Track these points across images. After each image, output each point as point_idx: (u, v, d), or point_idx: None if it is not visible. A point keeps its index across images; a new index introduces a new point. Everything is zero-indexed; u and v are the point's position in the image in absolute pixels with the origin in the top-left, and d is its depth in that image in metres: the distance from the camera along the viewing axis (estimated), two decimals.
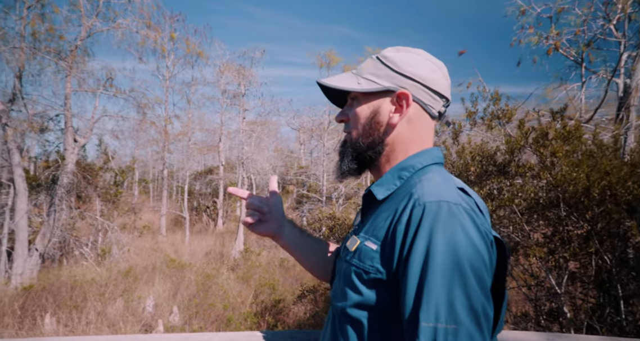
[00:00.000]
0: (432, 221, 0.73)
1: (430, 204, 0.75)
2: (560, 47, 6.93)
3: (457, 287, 0.69)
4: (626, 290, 4.09)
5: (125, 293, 9.78)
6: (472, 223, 0.75)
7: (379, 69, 0.92)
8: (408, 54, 0.93)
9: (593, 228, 3.86)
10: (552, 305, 5.11)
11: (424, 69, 0.91)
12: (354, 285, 0.82)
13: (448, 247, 0.71)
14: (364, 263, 0.82)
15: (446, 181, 0.84)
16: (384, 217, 0.84)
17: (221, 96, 19.75)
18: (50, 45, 12.36)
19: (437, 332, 0.68)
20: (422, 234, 0.73)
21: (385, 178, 0.90)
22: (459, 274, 0.70)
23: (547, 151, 3.54)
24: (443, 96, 0.92)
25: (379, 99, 0.92)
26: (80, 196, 13.52)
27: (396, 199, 0.85)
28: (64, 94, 12.68)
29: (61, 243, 12.13)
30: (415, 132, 0.92)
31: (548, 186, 3.88)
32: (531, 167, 3.81)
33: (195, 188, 23.49)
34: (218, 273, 11.74)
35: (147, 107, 15.21)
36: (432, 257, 0.71)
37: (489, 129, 5.38)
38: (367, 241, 0.84)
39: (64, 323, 8.28)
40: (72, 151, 12.46)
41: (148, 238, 16.56)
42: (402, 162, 0.90)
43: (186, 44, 18.52)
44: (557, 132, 3.58)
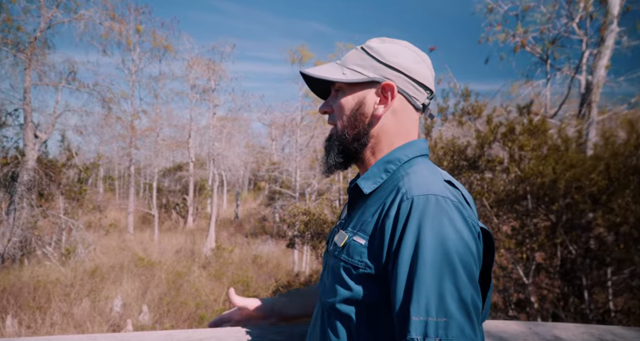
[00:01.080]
0: (421, 214, 0.73)
1: (418, 198, 0.75)
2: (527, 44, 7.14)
3: (446, 280, 0.69)
4: (589, 279, 4.28)
5: (92, 293, 9.47)
6: (460, 215, 0.75)
7: (364, 60, 0.91)
8: (393, 45, 0.92)
9: (559, 219, 4.01)
10: (519, 295, 5.29)
11: (408, 60, 0.90)
12: (343, 281, 0.81)
13: (437, 240, 0.71)
14: (352, 258, 0.81)
15: (433, 174, 0.83)
16: (371, 211, 0.83)
17: (190, 91, 19.35)
18: (7, 37, 11.78)
19: (427, 326, 0.68)
20: (411, 228, 0.73)
21: (371, 172, 0.89)
22: (449, 267, 0.70)
23: (514, 145, 3.65)
24: (427, 88, 0.92)
25: (364, 90, 0.90)
26: (42, 193, 12.96)
27: (383, 192, 0.84)
28: (23, 88, 12.10)
29: (22, 242, 11.60)
30: (400, 124, 0.91)
31: (516, 180, 4.00)
32: (500, 161, 3.91)
33: (164, 185, 22.95)
34: (189, 271, 11.54)
35: (113, 102, 14.72)
36: (421, 251, 0.71)
37: (460, 124, 5.50)
38: (355, 236, 0.83)
39: (26, 325, 7.95)
40: (32, 147, 11.92)
41: (115, 237, 16.08)
42: (388, 155, 0.89)
43: (153, 37, 18.02)
44: (524, 127, 3.69)
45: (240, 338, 1.08)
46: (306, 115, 16.88)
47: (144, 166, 25.08)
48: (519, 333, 1.17)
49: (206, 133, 20.47)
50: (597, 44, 7.00)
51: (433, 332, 0.67)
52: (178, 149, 22.98)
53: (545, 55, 7.26)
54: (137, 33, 18.44)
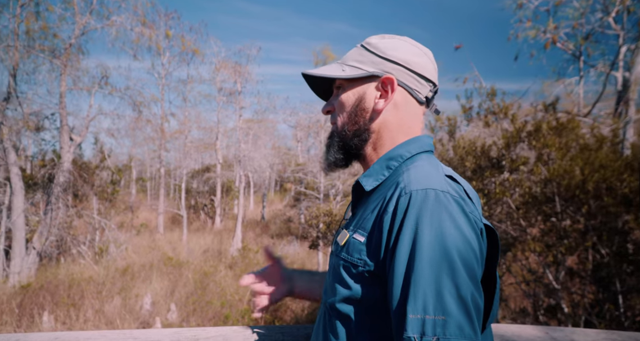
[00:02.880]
0: (419, 209, 0.71)
1: (416, 193, 0.73)
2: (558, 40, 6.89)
3: (445, 277, 0.67)
4: (625, 285, 4.08)
5: (123, 291, 9.76)
6: (460, 210, 0.72)
7: (363, 56, 0.90)
8: (393, 40, 0.91)
9: (589, 222, 3.84)
10: (550, 300, 5.11)
11: (408, 53, 0.89)
12: (343, 279, 0.80)
13: (435, 236, 0.69)
14: (352, 256, 0.79)
15: (434, 169, 0.81)
16: (371, 208, 0.82)
17: (217, 94, 19.68)
18: (44, 44, 12.30)
19: (425, 324, 0.66)
20: (409, 224, 0.71)
21: (373, 169, 0.88)
22: (447, 264, 0.68)
23: (539, 144, 3.52)
24: (430, 80, 0.90)
25: (364, 85, 0.90)
26: (77, 194, 13.47)
27: (384, 189, 0.83)
28: (59, 93, 12.62)
29: (58, 241, 12.09)
30: (402, 118, 0.89)
31: (543, 181, 3.87)
32: (525, 161, 3.79)
33: (192, 186, 23.43)
34: (216, 271, 11.72)
35: (143, 105, 15.15)
36: (419, 247, 0.69)
37: (486, 125, 5.36)
38: (355, 234, 0.81)
39: (61, 321, 8.26)
40: (68, 149, 12.40)
41: (146, 236, 16.52)
42: (390, 151, 0.88)
43: (181, 42, 18.45)
44: (550, 126, 3.56)
45: (247, 337, 1.09)
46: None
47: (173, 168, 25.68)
48: (534, 337, 1.13)
49: (233, 135, 20.78)
50: (635, 38, 6.67)
51: (431, 330, 0.65)
52: (206, 151, 23.42)
53: (578, 51, 6.97)
54: (166, 38, 18.93)
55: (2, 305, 8.46)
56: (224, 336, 1.09)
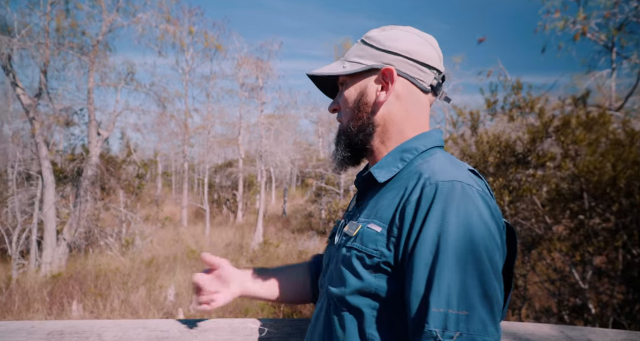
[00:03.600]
0: (445, 200, 0.70)
1: (442, 184, 0.72)
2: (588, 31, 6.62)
3: (470, 271, 0.66)
4: None
5: (148, 282, 10.00)
6: (485, 205, 0.71)
7: (363, 50, 0.89)
8: (392, 31, 0.90)
9: (621, 220, 3.70)
10: (576, 300, 4.97)
11: (409, 42, 0.87)
12: (355, 270, 0.78)
13: (462, 228, 0.68)
14: (366, 246, 0.77)
15: (456, 162, 0.81)
16: (388, 198, 0.80)
17: (239, 89, 19.85)
18: (73, 41, 12.61)
19: (447, 318, 0.64)
20: (434, 215, 0.69)
21: (385, 160, 0.86)
22: (474, 257, 0.66)
23: (568, 140, 3.40)
24: (433, 68, 0.88)
25: (365, 80, 0.89)
26: (104, 187, 13.85)
27: (400, 181, 0.82)
28: (87, 89, 12.96)
29: (87, 233, 12.48)
30: (406, 109, 0.88)
31: (571, 177, 3.74)
32: (552, 157, 3.67)
33: (215, 181, 23.76)
34: (237, 264, 11.85)
35: (167, 101, 15.41)
36: (445, 238, 0.67)
37: (510, 120, 5.22)
38: (370, 224, 0.79)
39: (89, 310, 8.54)
40: (95, 144, 12.75)
41: (170, 229, 16.88)
42: (404, 144, 0.86)
43: (205, 38, 18.63)
44: (579, 120, 3.44)
45: (253, 328, 1.09)
46: None
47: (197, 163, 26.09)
48: (549, 336, 1.09)
49: (255, 130, 20.94)
50: None
51: (453, 325, 0.64)
52: (229, 146, 23.69)
53: (611, 42, 6.68)
54: (190, 34, 19.16)
55: (35, 293, 8.80)
56: (232, 328, 1.10)
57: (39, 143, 11.33)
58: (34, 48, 11.34)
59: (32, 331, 1.04)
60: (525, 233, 5.00)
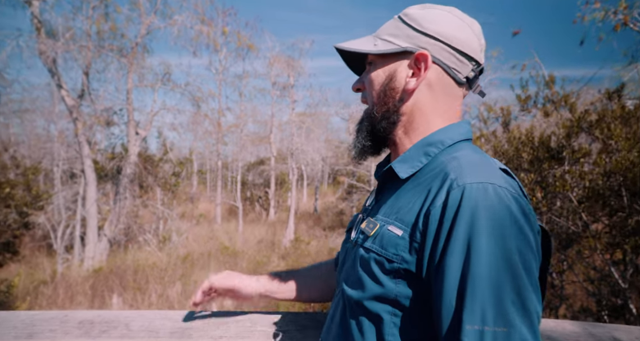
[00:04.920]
0: (475, 205, 0.64)
1: (471, 186, 0.65)
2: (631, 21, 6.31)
3: (507, 284, 0.60)
4: None
5: (183, 277, 10.32)
6: (520, 210, 0.65)
7: (399, 29, 0.81)
8: (433, 11, 0.81)
9: None
10: (616, 300, 4.78)
11: (449, 26, 0.79)
12: (374, 275, 0.73)
13: (495, 237, 0.62)
14: (386, 250, 0.72)
15: (486, 161, 0.73)
16: (409, 198, 0.75)
17: (271, 88, 20.09)
18: (113, 43, 13.14)
19: (484, 336, 0.59)
20: (463, 222, 0.63)
21: (409, 154, 0.79)
22: (509, 268, 0.60)
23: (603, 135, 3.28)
24: (472, 59, 0.79)
25: (396, 63, 0.81)
26: (142, 185, 14.37)
27: (423, 178, 0.75)
28: (126, 89, 13.48)
29: (126, 229, 12.99)
30: (437, 100, 0.80)
31: (607, 173, 3.61)
32: (587, 152, 3.55)
33: (248, 179, 24.17)
34: (269, 261, 12.06)
35: (202, 101, 15.81)
36: (477, 249, 0.62)
37: (545, 115, 5.07)
38: (390, 226, 0.74)
39: (129, 303, 8.91)
40: (134, 143, 13.25)
41: (204, 226, 17.32)
42: (429, 136, 0.79)
43: (237, 38, 18.96)
44: (614, 114, 3.30)
45: (273, 321, 1.14)
46: None
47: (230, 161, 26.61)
48: (570, 333, 1.07)
49: (287, 128, 21.13)
50: None
51: None
52: (261, 144, 24.02)
53: None
54: (223, 35, 19.55)
55: (77, 286, 9.26)
56: (252, 320, 1.15)
57: (81, 142, 11.90)
58: (76, 51, 11.90)
59: (65, 319, 1.13)
60: (561, 231, 4.85)
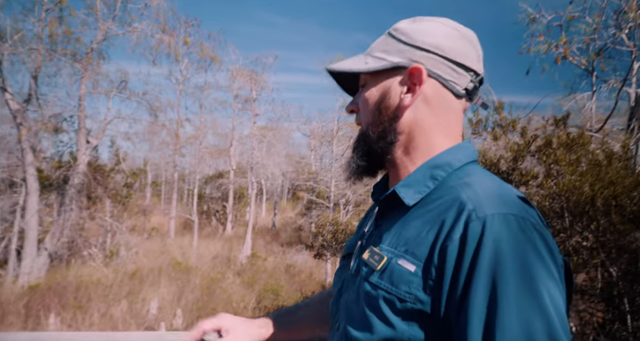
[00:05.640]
0: (497, 240, 0.59)
1: (492, 218, 0.61)
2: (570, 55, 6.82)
3: (537, 325, 0.56)
4: (634, 305, 3.95)
5: (130, 294, 9.82)
6: (543, 242, 0.60)
7: (390, 45, 0.77)
8: (424, 23, 0.77)
9: (599, 239, 3.74)
10: None
11: (443, 37, 0.75)
12: (384, 315, 0.66)
13: (521, 274, 0.57)
14: (398, 288, 0.66)
15: (504, 188, 0.67)
16: (420, 228, 0.68)
17: (233, 101, 19.92)
18: (66, 48, 12.62)
19: None
20: (486, 258, 0.59)
21: (414, 178, 0.73)
22: (538, 308, 0.56)
23: (549, 159, 3.45)
24: (470, 69, 0.75)
25: (389, 79, 0.77)
26: (90, 196, 13.69)
27: (433, 205, 0.69)
28: (78, 96, 12.92)
29: (70, 243, 12.28)
30: (436, 116, 0.75)
31: (551, 196, 3.78)
32: (534, 175, 3.71)
33: (205, 192, 23.63)
34: (223, 277, 11.74)
35: (160, 110, 15.41)
36: (502, 286, 0.57)
37: (494, 139, 5.29)
38: (400, 259, 0.67)
39: (67, 324, 8.34)
40: (84, 151, 12.65)
41: (157, 241, 16.68)
42: (435, 158, 0.74)
43: (200, 49, 18.74)
44: (560, 141, 3.49)
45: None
46: (343, 125, 16.92)
47: (188, 173, 25.96)
48: None
49: (247, 142, 20.95)
50: None
51: None
52: (220, 156, 23.64)
53: (591, 66, 6.91)
54: (185, 45, 19.27)
55: (10, 305, 8.59)
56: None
57: (25, 149, 11.22)
58: (25, 54, 11.32)
59: None
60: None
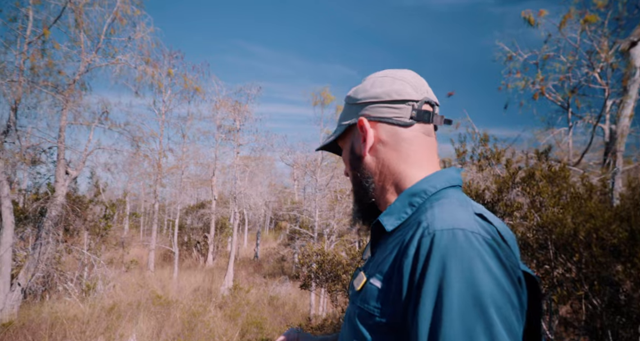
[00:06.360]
0: (444, 253, 0.63)
1: (441, 233, 0.65)
2: (547, 92, 7.17)
3: (479, 332, 0.58)
4: (618, 337, 4.00)
5: (107, 330, 9.43)
6: (493, 255, 0.64)
7: (346, 111, 0.92)
8: (364, 83, 0.90)
9: (582, 271, 3.83)
10: None
11: (377, 87, 0.86)
12: (359, 331, 0.72)
13: (466, 285, 0.60)
14: (368, 304, 0.72)
15: (462, 206, 0.73)
16: (390, 249, 0.74)
17: (216, 131, 19.94)
18: (48, 79, 12.54)
19: None
20: (433, 270, 0.63)
21: (394, 206, 0.80)
22: (481, 317, 0.59)
23: (533, 191, 3.57)
24: (407, 100, 0.84)
25: (350, 138, 0.90)
26: (68, 229, 13.30)
27: (405, 229, 0.75)
28: (58, 127, 12.74)
29: (45, 277, 11.80)
30: (395, 151, 0.84)
31: (536, 227, 3.89)
32: (519, 206, 3.83)
33: (186, 222, 23.22)
34: (205, 311, 11.40)
35: (142, 141, 15.26)
36: (447, 298, 0.60)
37: (479, 170, 5.45)
38: (372, 279, 0.74)
39: None
40: (62, 183, 12.37)
41: (135, 274, 16.17)
42: (412, 187, 0.80)
43: (184, 80, 18.87)
44: (543, 173, 3.63)
45: None
46: (327, 156, 17.09)
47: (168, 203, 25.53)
48: None
49: (230, 172, 20.85)
50: (619, 93, 6.94)
51: None
52: (202, 186, 23.41)
53: (567, 103, 7.26)
54: (168, 76, 19.39)
55: None
56: None
57: (1, 181, 10.92)
58: (5, 85, 11.20)
59: None
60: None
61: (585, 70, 7.15)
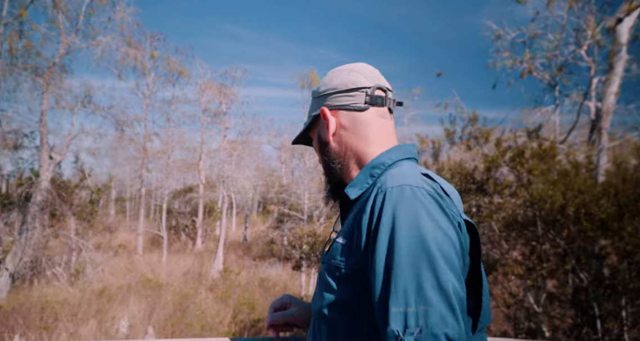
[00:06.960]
0: (394, 205, 0.74)
1: (391, 189, 0.76)
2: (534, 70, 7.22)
3: (424, 269, 0.69)
4: (603, 309, 4.16)
5: (99, 313, 9.44)
6: (436, 205, 0.75)
7: (312, 104, 1.02)
8: (325, 77, 1.01)
9: (569, 246, 3.95)
10: (530, 324, 5.16)
11: (334, 79, 0.97)
12: (328, 284, 0.81)
13: (412, 229, 0.71)
14: (335, 259, 0.82)
15: (411, 169, 0.84)
16: (354, 212, 0.85)
17: (202, 114, 19.68)
18: (27, 62, 12.18)
19: (407, 316, 0.67)
20: (385, 220, 0.73)
21: (357, 179, 0.91)
22: (426, 256, 0.69)
23: (523, 169, 3.64)
24: (361, 88, 0.95)
25: (317, 128, 1.00)
26: (54, 214, 13.12)
27: (366, 195, 0.86)
28: (40, 111, 12.44)
29: (33, 262, 11.69)
30: (354, 133, 0.94)
31: (525, 204, 3.98)
32: (508, 184, 3.90)
33: (174, 207, 23.07)
34: (196, 293, 11.46)
35: (126, 125, 15.02)
36: (397, 241, 0.71)
37: (468, 149, 5.51)
38: (338, 238, 0.85)
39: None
40: (47, 168, 12.15)
41: (124, 258, 16.10)
42: (373, 160, 0.91)
43: (167, 63, 18.50)
44: (533, 151, 3.70)
45: None
46: None
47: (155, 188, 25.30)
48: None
49: (217, 156, 20.69)
50: (605, 71, 7.04)
51: (413, 322, 0.67)
52: (189, 171, 23.20)
53: (554, 81, 7.34)
54: (152, 58, 18.97)
55: None
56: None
57: None
58: None
59: None
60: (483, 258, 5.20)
61: (572, 48, 7.22)
